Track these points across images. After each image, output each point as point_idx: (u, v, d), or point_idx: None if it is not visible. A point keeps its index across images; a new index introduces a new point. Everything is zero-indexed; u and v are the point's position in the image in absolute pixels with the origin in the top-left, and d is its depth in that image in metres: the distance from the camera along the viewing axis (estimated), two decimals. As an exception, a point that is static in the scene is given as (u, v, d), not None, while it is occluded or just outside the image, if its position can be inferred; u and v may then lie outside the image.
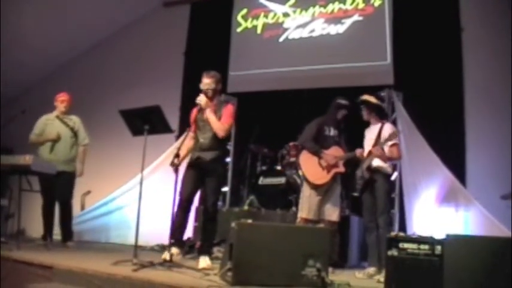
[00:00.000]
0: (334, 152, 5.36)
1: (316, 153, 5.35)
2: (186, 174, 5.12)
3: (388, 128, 5.35)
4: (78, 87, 8.02)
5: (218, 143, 5.15)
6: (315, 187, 5.30)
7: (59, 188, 6.44)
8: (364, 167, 5.26)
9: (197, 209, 6.76)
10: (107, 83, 9.69)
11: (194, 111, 5.21)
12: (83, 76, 9.90)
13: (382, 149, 5.20)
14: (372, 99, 5.51)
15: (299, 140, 5.63)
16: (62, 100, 6.65)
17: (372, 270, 5.05)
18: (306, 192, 5.34)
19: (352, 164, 5.43)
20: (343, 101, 5.54)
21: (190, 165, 5.15)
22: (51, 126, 6.57)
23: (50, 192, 6.41)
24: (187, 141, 5.21)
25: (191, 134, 5.23)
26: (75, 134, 6.63)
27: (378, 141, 5.28)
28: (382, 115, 5.59)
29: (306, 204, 5.27)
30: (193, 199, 5.20)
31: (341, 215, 5.60)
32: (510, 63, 6.72)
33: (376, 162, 5.26)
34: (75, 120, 6.72)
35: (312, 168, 5.31)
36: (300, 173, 5.58)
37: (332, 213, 5.27)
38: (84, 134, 6.72)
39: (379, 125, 5.42)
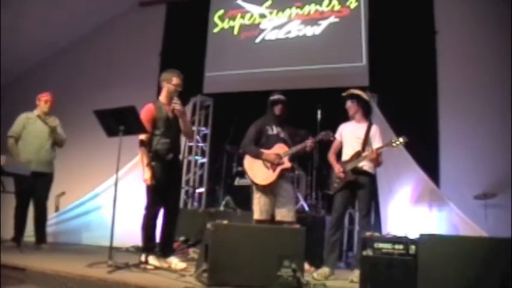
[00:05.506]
0: (278, 149, 5.22)
1: (257, 156, 5.22)
2: (161, 179, 4.90)
3: (377, 130, 5.17)
4: (52, 87, 7.86)
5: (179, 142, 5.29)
6: (263, 188, 5.19)
7: (37, 190, 6.36)
8: (350, 167, 5.03)
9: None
10: (81, 82, 9.59)
11: (150, 110, 5.02)
12: (57, 76, 9.78)
13: (379, 153, 4.97)
14: (364, 94, 5.29)
15: (241, 146, 5.45)
16: (45, 100, 6.52)
17: (327, 270, 4.89)
18: (256, 194, 5.26)
19: (327, 164, 5.38)
20: (275, 97, 5.38)
21: (163, 168, 4.96)
22: (32, 126, 6.44)
23: (26, 194, 6.30)
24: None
25: (147, 135, 4.99)
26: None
27: (366, 142, 5.08)
28: (368, 113, 5.36)
29: (257, 206, 5.19)
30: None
31: (314, 215, 5.54)
32: (483, 65, 6.85)
33: (365, 164, 5.04)
34: (54, 120, 6.62)
35: (257, 170, 5.20)
36: (246, 177, 5.50)
37: (286, 214, 5.11)
38: (62, 131, 6.58)
39: (365, 125, 5.18)
